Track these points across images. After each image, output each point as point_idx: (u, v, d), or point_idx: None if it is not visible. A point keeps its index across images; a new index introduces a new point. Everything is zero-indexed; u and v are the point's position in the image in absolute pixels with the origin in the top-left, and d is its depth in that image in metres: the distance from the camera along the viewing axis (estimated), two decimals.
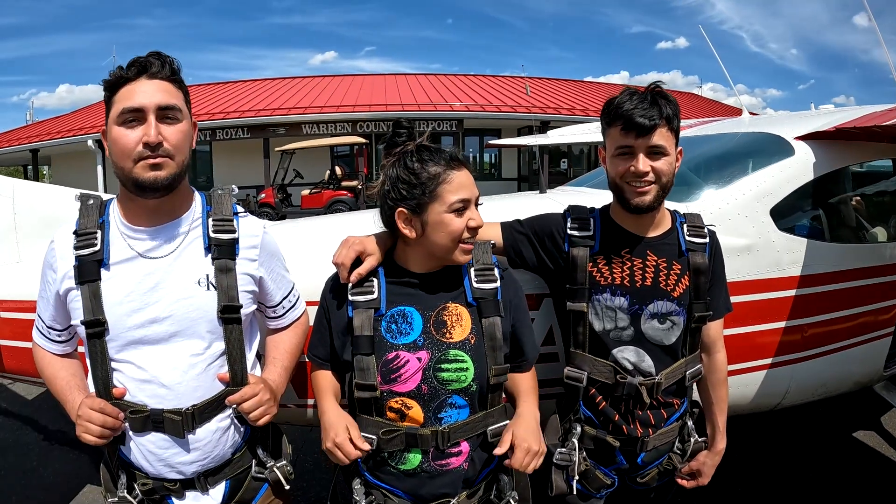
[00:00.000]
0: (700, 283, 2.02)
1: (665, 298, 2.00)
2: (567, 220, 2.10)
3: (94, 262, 1.64)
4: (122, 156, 1.58)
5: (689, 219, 2.09)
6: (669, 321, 2.01)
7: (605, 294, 2.01)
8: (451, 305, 1.77)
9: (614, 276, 2.01)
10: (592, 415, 2.10)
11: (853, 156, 3.02)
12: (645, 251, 2.02)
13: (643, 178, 1.89)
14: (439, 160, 1.70)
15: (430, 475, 1.75)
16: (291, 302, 1.95)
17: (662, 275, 2.00)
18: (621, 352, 2.03)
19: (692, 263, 2.01)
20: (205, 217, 1.74)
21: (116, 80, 1.60)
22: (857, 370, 3.10)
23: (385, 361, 1.72)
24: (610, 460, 2.13)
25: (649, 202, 1.92)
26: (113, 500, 1.76)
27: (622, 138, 1.91)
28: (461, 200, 1.69)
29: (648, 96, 1.90)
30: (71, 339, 1.84)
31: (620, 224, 2.05)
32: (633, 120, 1.86)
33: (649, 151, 1.89)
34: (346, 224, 2.70)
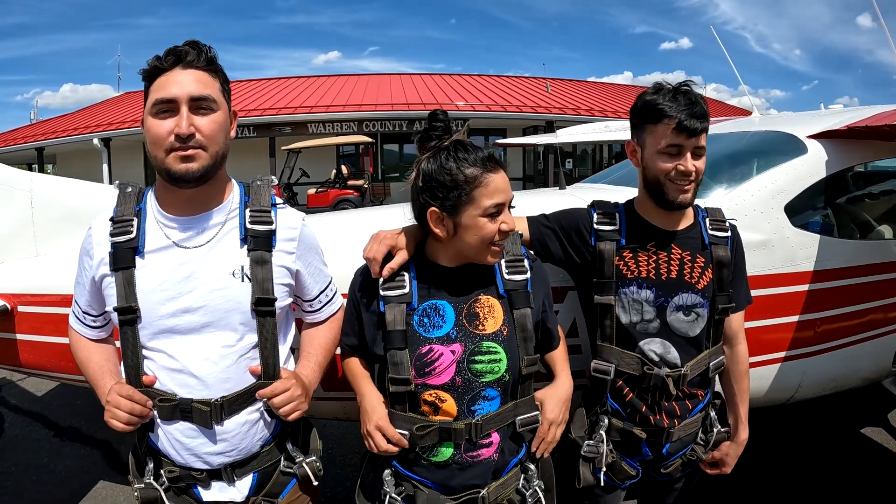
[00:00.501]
0: (723, 276, 2.05)
1: (690, 291, 2.02)
2: (593, 214, 2.13)
3: (129, 250, 1.64)
4: (155, 146, 1.58)
5: (711, 213, 2.13)
6: (694, 313, 2.04)
7: (632, 287, 2.04)
8: (483, 297, 1.77)
9: (640, 269, 2.04)
10: (619, 407, 2.13)
11: (864, 154, 3.04)
12: (670, 245, 2.05)
13: (689, 177, 1.93)
14: (476, 161, 1.65)
15: (462, 467, 1.76)
16: (328, 296, 1.93)
17: (687, 268, 2.03)
18: (648, 344, 2.06)
19: (715, 256, 2.05)
20: (242, 208, 1.73)
21: (153, 69, 1.59)
22: (867, 365, 3.11)
23: (419, 355, 1.72)
24: (635, 452, 2.15)
25: (689, 200, 1.98)
26: (139, 485, 1.77)
27: (673, 137, 1.92)
28: (496, 205, 1.66)
29: (692, 96, 1.93)
30: (106, 324, 1.84)
31: (646, 218, 2.08)
32: (685, 122, 1.88)
33: (693, 152, 1.93)
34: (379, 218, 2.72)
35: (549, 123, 21.36)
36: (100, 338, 1.85)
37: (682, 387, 2.06)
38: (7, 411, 4.95)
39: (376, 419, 1.74)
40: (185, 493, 1.78)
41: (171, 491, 1.77)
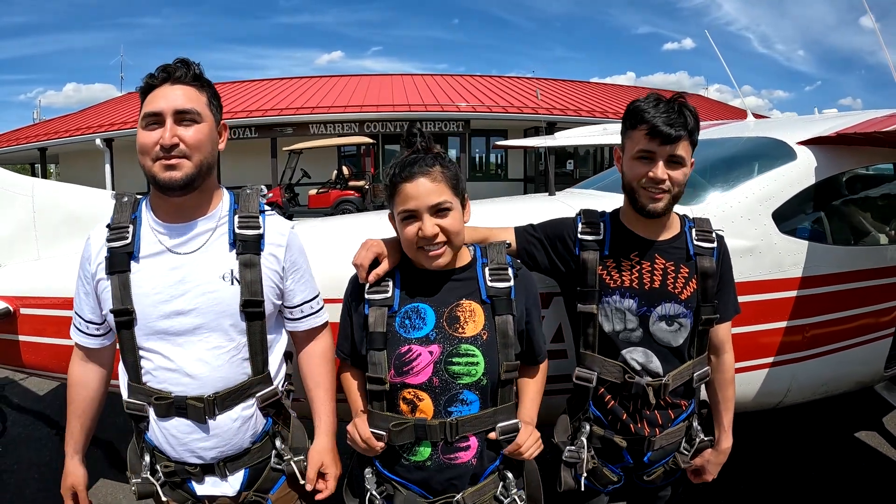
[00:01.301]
0: (707, 287, 2.06)
1: (673, 301, 2.04)
2: (578, 223, 2.15)
3: (124, 254, 1.75)
4: (143, 155, 1.69)
5: (698, 223, 2.13)
6: (677, 323, 2.06)
7: (615, 296, 2.06)
8: (465, 302, 1.83)
9: (623, 278, 2.06)
10: (601, 414, 2.15)
11: (854, 160, 3.06)
12: (653, 255, 2.06)
13: (659, 185, 1.94)
14: (394, 168, 1.79)
15: (439, 468, 1.81)
16: (313, 308, 1.97)
17: (670, 278, 2.04)
18: (630, 352, 2.07)
19: (700, 267, 2.05)
20: (231, 214, 1.83)
21: (146, 86, 1.72)
22: (858, 370, 3.14)
23: (398, 354, 1.79)
24: (617, 458, 2.17)
25: (661, 209, 1.97)
26: (136, 480, 1.88)
27: (645, 142, 1.94)
28: (405, 211, 1.76)
29: (675, 105, 1.93)
30: (109, 331, 1.91)
31: (630, 228, 2.10)
32: (658, 127, 1.89)
33: (669, 160, 1.93)
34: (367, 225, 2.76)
35: (551, 125, 21.35)
36: (103, 346, 1.92)
37: (663, 396, 2.07)
38: (10, 410, 5.00)
39: (354, 419, 1.85)
40: (179, 488, 1.88)
41: (167, 486, 1.88)
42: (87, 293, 1.84)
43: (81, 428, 1.99)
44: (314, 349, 2.01)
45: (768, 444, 4.18)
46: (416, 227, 1.74)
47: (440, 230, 1.74)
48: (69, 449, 1.99)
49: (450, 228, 1.75)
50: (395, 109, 22.64)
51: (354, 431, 1.82)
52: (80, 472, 1.99)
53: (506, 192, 21.78)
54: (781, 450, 4.12)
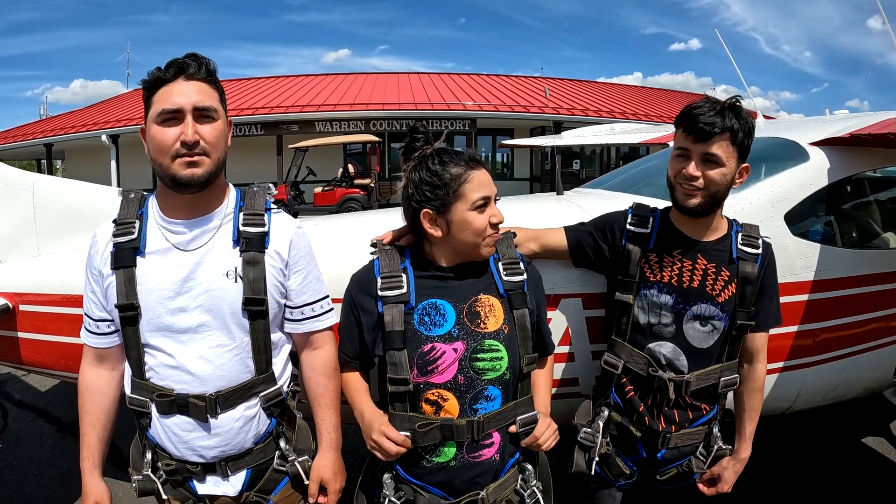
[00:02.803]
0: (746, 292, 2.05)
1: (709, 302, 2.04)
2: (629, 215, 2.18)
3: (130, 250, 1.73)
4: (161, 153, 1.65)
5: (746, 228, 2.13)
6: (711, 325, 2.06)
7: (653, 290, 2.08)
8: (484, 297, 1.82)
9: (663, 274, 2.07)
10: (621, 402, 2.16)
11: (868, 162, 3.02)
12: (696, 254, 2.07)
13: (692, 182, 1.94)
14: (459, 161, 1.77)
15: (464, 467, 1.79)
16: (314, 311, 1.90)
17: (710, 279, 2.05)
18: (659, 346, 2.09)
19: (741, 272, 2.05)
20: (236, 211, 1.80)
21: (155, 80, 1.67)
22: (868, 375, 3.09)
23: (421, 353, 1.76)
24: (631, 450, 2.18)
25: (693, 206, 1.98)
26: (138, 477, 1.86)
27: (682, 140, 1.97)
28: (482, 198, 1.75)
29: (720, 106, 1.93)
30: (119, 330, 1.86)
31: (677, 226, 2.11)
32: (694, 124, 1.91)
33: (704, 158, 1.93)
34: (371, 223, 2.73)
35: (557, 124, 21.33)
36: (115, 345, 1.87)
37: (684, 394, 2.07)
38: (11, 406, 5.00)
39: (378, 426, 1.77)
40: (181, 487, 1.86)
41: (168, 484, 1.86)
42: (94, 291, 1.82)
43: (99, 440, 1.89)
44: (315, 360, 1.93)
45: (775, 449, 4.14)
46: (489, 214, 1.77)
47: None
48: (87, 465, 1.89)
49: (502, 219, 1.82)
50: (401, 108, 22.64)
51: (383, 438, 1.74)
52: (103, 488, 1.91)
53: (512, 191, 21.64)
54: (788, 455, 4.08)
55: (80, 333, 1.90)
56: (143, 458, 1.86)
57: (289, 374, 1.95)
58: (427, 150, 1.80)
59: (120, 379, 1.90)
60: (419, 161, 1.79)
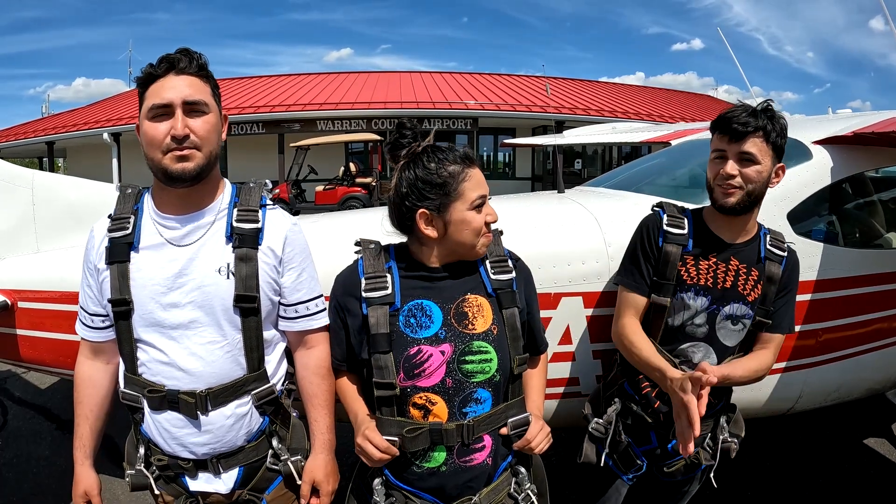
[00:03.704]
0: (769, 291, 2.12)
1: (741, 301, 2.10)
2: (662, 216, 2.19)
3: (124, 245, 1.73)
4: (152, 147, 1.66)
5: (773, 233, 2.21)
6: (741, 323, 2.12)
7: (690, 293, 2.12)
8: (471, 297, 1.77)
9: (700, 276, 2.11)
10: (635, 395, 2.19)
11: (871, 161, 3.00)
12: (729, 256, 2.11)
13: (730, 180, 1.99)
14: (455, 159, 1.72)
15: (455, 472, 1.74)
16: (309, 310, 1.88)
17: (742, 279, 2.10)
18: (693, 346, 2.14)
19: (767, 271, 2.11)
20: (230, 207, 1.79)
21: (147, 76, 1.68)
22: (871, 376, 3.08)
23: (407, 356, 1.71)
24: (644, 440, 2.20)
25: (732, 203, 2.02)
26: (131, 472, 1.87)
27: (718, 142, 2.04)
28: (480, 197, 1.72)
29: (752, 108, 2.00)
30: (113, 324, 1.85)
31: (711, 228, 2.15)
32: (728, 125, 1.98)
33: (740, 157, 2.00)
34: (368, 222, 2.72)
35: (559, 123, 21.31)
36: (110, 339, 1.86)
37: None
38: (10, 403, 4.99)
39: (363, 430, 1.73)
40: (173, 482, 1.86)
41: (161, 479, 1.86)
42: (89, 285, 1.82)
43: (91, 431, 1.91)
44: (309, 360, 1.90)
45: (776, 450, 4.13)
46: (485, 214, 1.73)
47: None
48: (79, 454, 1.91)
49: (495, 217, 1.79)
50: (403, 107, 22.62)
51: (366, 443, 1.70)
52: (93, 477, 1.93)
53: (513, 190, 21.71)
54: (789, 456, 4.07)
55: (76, 327, 1.89)
56: (137, 452, 1.86)
57: (283, 373, 1.92)
58: (418, 147, 1.74)
59: (115, 372, 1.89)
60: (412, 158, 1.73)
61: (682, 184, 3.34)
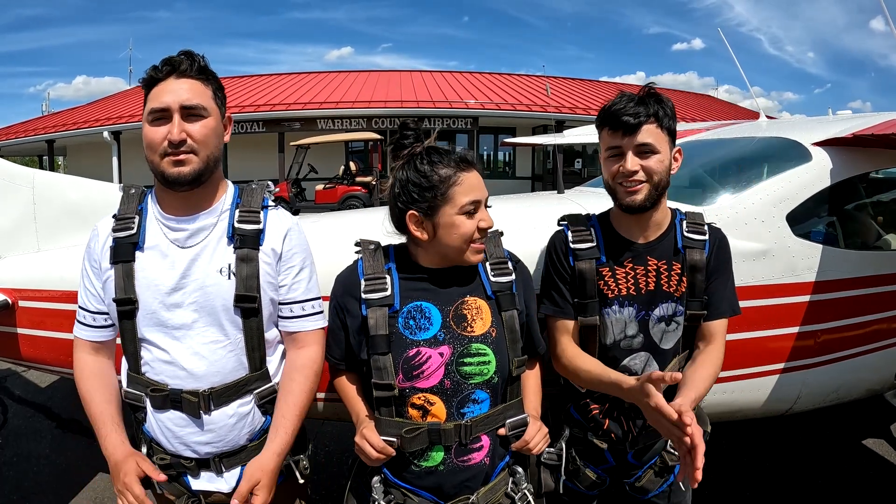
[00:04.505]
0: (696, 281, 1.98)
1: (669, 300, 1.98)
2: (567, 233, 2.06)
3: (129, 245, 1.74)
4: (151, 151, 1.68)
5: (690, 216, 2.05)
6: (675, 322, 2.00)
7: (614, 306, 2.00)
8: (470, 299, 1.77)
9: (620, 287, 1.99)
10: (581, 418, 2.11)
11: (871, 162, 3.00)
12: (645, 257, 1.99)
13: (632, 177, 1.87)
14: (449, 162, 1.71)
15: (453, 471, 1.75)
16: (304, 311, 1.86)
17: (664, 276, 1.98)
18: (633, 360, 2.02)
19: (689, 260, 1.97)
20: (233, 208, 1.80)
21: (150, 79, 1.69)
22: (869, 377, 3.08)
23: (406, 358, 1.72)
24: (599, 460, 2.12)
25: (640, 201, 1.89)
26: None
27: (610, 138, 1.91)
28: (472, 202, 1.70)
29: (636, 97, 1.88)
30: (114, 324, 1.85)
31: (620, 232, 2.03)
32: (619, 119, 1.85)
33: (638, 150, 1.87)
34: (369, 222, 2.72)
35: (559, 123, 21.30)
36: (109, 338, 1.87)
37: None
38: (11, 402, 5.00)
39: (361, 429, 1.75)
40: (175, 481, 1.86)
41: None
42: (92, 283, 1.82)
43: (118, 411, 1.82)
44: (297, 359, 1.87)
45: (775, 451, 4.13)
46: (477, 220, 1.71)
47: None
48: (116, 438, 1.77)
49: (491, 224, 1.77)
50: (403, 106, 22.62)
51: (364, 442, 1.71)
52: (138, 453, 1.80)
53: (513, 189, 21.72)
54: (788, 456, 4.07)
55: (74, 328, 1.88)
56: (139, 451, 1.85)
57: None
58: (416, 149, 1.74)
59: (115, 369, 1.90)
60: (408, 160, 1.74)
61: (681, 184, 3.34)
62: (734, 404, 2.69)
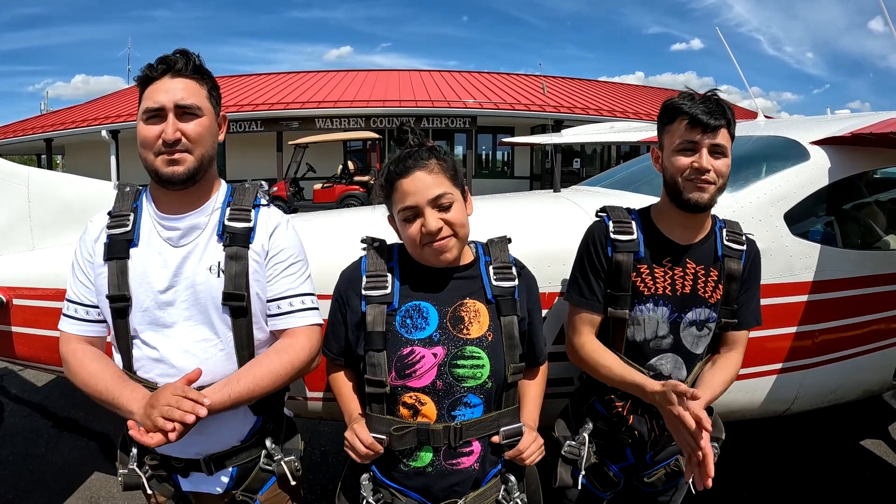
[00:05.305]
0: (731, 290, 2.01)
1: (703, 305, 1.99)
2: (608, 223, 2.06)
3: (124, 241, 1.74)
4: (145, 149, 1.69)
5: (729, 225, 2.08)
6: (707, 328, 2.02)
7: (649, 304, 2.00)
8: (469, 302, 1.76)
9: (657, 285, 1.99)
10: (607, 413, 2.11)
11: (869, 162, 2.99)
12: (684, 259, 2.00)
13: (705, 175, 1.87)
14: (397, 165, 1.70)
15: (441, 474, 1.75)
16: (293, 307, 1.82)
17: (701, 282, 1.99)
18: (661, 360, 2.03)
19: (726, 269, 2.00)
20: (224, 207, 1.79)
21: (145, 77, 1.69)
22: (867, 378, 3.07)
23: (400, 356, 1.72)
24: (619, 457, 2.13)
25: (706, 200, 1.90)
26: (123, 471, 1.85)
27: (687, 133, 1.88)
28: (406, 208, 1.68)
29: (712, 98, 1.90)
30: (103, 321, 1.83)
31: (662, 230, 2.03)
32: (699, 116, 1.85)
33: (712, 150, 1.88)
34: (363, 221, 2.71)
35: (558, 122, 21.30)
36: (100, 335, 1.85)
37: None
38: (7, 401, 4.98)
39: (352, 426, 1.76)
40: (166, 482, 1.86)
41: (154, 479, 1.85)
42: (85, 277, 1.80)
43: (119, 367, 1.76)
44: (279, 343, 1.81)
45: (772, 451, 4.13)
46: (419, 224, 1.66)
47: (444, 223, 1.66)
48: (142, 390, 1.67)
49: (454, 220, 1.67)
50: (401, 105, 22.60)
51: (354, 438, 1.72)
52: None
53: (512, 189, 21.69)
54: (786, 457, 4.06)
55: (61, 323, 1.83)
56: (130, 452, 1.85)
57: None
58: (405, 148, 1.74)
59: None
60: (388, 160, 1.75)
61: None
62: (731, 405, 2.67)
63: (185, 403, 1.53)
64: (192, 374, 1.66)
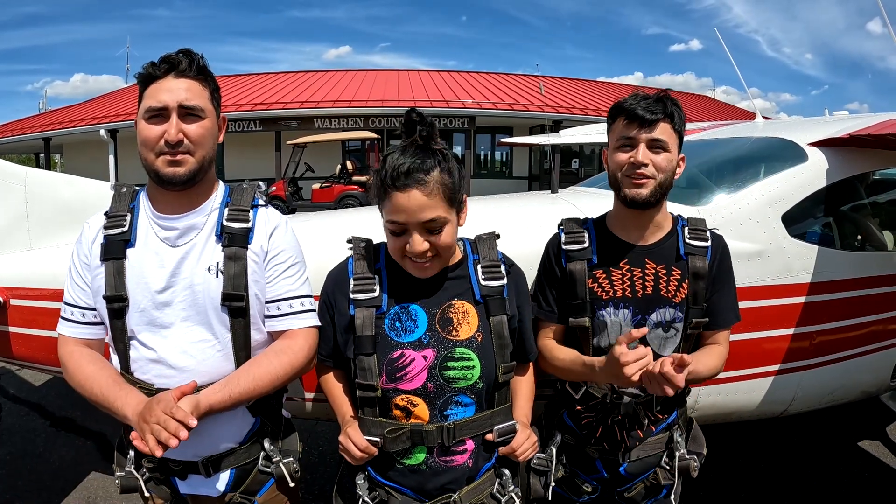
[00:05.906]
0: (698, 288, 1.96)
1: (668, 305, 1.95)
2: (561, 235, 2.06)
3: (120, 242, 1.73)
4: (145, 148, 1.67)
5: (692, 222, 2.04)
6: (673, 328, 1.97)
7: (609, 308, 1.97)
8: (458, 303, 1.75)
9: (615, 288, 1.96)
10: (575, 426, 2.10)
11: (867, 163, 3.00)
12: (643, 259, 1.97)
13: (641, 170, 1.86)
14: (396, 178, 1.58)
15: (435, 471, 1.75)
16: (293, 308, 1.82)
17: (662, 281, 1.96)
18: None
19: (691, 267, 1.96)
20: (222, 207, 1.79)
21: (147, 76, 1.68)
22: (865, 379, 3.08)
23: (390, 360, 1.71)
24: (590, 469, 2.11)
25: (645, 196, 1.87)
26: (120, 474, 1.84)
27: (624, 129, 1.89)
28: (394, 223, 1.63)
29: (654, 96, 1.89)
30: (101, 323, 1.81)
31: (617, 234, 2.01)
32: (636, 112, 1.85)
33: (650, 145, 1.86)
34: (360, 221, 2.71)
35: (557, 123, 21.30)
36: (95, 338, 1.84)
37: (654, 412, 2.01)
38: (5, 400, 4.97)
39: (345, 428, 1.76)
40: (163, 484, 1.84)
41: (152, 481, 1.83)
42: (82, 278, 1.79)
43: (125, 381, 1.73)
44: (275, 344, 1.81)
45: (770, 452, 4.13)
46: (404, 241, 1.63)
47: (430, 245, 1.63)
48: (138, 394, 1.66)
49: (441, 244, 1.63)
50: (400, 105, 22.55)
51: (348, 442, 1.71)
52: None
53: (510, 189, 21.71)
54: (783, 458, 4.07)
55: (59, 326, 1.83)
56: (127, 454, 1.84)
57: None
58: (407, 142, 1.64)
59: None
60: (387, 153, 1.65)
61: (677, 183, 3.33)
62: (729, 406, 2.68)
63: (171, 424, 1.51)
64: (187, 387, 1.62)
